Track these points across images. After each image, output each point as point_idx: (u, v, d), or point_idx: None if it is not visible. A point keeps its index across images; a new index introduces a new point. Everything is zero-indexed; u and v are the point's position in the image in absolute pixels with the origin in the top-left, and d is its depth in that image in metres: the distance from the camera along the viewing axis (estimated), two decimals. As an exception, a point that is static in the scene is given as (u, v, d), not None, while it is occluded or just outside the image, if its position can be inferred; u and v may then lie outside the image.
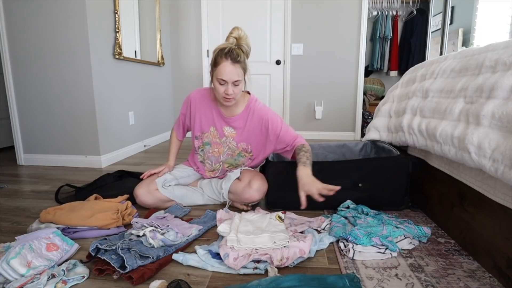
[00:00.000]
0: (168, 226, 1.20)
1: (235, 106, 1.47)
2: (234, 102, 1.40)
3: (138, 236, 1.13)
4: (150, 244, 1.09)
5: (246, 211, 1.50)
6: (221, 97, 1.36)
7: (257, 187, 1.44)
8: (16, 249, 0.97)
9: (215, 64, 1.32)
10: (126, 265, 0.95)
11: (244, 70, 1.34)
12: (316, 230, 1.27)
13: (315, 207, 1.50)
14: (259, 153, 1.55)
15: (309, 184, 1.22)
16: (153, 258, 1.02)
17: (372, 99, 3.87)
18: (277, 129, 1.46)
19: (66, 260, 1.06)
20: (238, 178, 1.50)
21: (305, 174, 1.27)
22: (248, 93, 1.52)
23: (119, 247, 1.00)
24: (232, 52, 1.29)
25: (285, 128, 1.47)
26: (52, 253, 1.04)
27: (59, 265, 1.01)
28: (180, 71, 3.75)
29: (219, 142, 1.53)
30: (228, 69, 1.29)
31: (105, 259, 0.97)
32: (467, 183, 1.09)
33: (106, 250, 1.01)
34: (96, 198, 1.50)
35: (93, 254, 1.01)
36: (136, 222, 1.21)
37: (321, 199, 1.18)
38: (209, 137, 1.53)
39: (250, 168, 1.60)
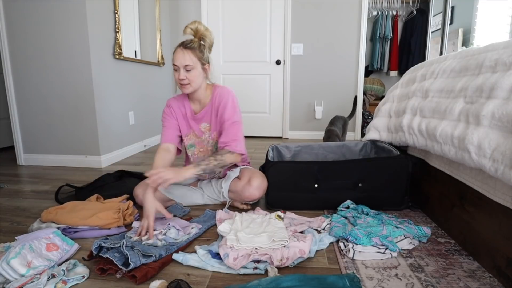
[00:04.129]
0: (169, 224, 1.20)
1: (202, 97, 1.48)
2: (192, 89, 1.40)
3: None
4: (153, 243, 1.09)
5: (246, 210, 1.50)
6: (178, 84, 1.39)
7: (257, 185, 1.44)
8: (16, 249, 0.97)
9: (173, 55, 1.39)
10: (130, 262, 0.95)
11: (199, 57, 1.36)
12: (316, 230, 1.27)
13: (315, 207, 1.51)
14: None
15: (170, 173, 1.25)
16: (155, 257, 1.02)
17: (372, 99, 3.87)
18: (223, 118, 1.44)
19: (66, 260, 1.06)
20: (237, 177, 1.50)
21: (183, 168, 1.31)
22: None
23: (123, 244, 1.00)
24: (185, 40, 1.37)
25: (229, 124, 1.42)
26: (52, 253, 1.04)
27: (59, 265, 1.02)
28: (180, 71, 3.75)
29: (201, 140, 1.55)
30: (178, 54, 1.35)
31: (108, 257, 0.97)
32: (467, 183, 1.09)
33: (108, 249, 1.01)
34: (97, 198, 1.51)
35: (95, 252, 1.01)
36: (137, 227, 1.21)
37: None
38: (192, 139, 1.55)
39: (249, 167, 1.60)
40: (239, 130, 1.45)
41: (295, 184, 1.48)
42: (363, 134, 3.60)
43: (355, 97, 3.16)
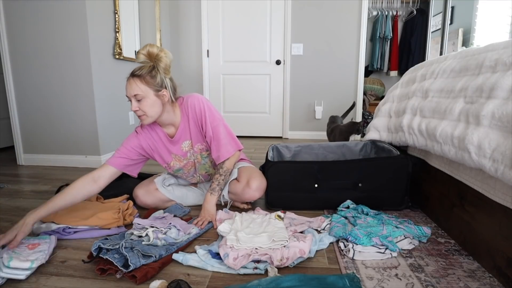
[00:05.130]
0: (170, 223, 1.20)
1: (172, 120, 1.37)
2: (150, 120, 1.29)
3: (140, 236, 1.13)
4: (153, 243, 1.09)
5: (246, 210, 1.50)
6: (137, 117, 1.30)
7: (256, 186, 1.43)
8: (5, 255, 0.97)
9: None
10: (130, 264, 0.95)
11: (150, 84, 1.23)
12: (316, 230, 1.27)
13: (315, 207, 1.51)
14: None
15: (208, 213, 1.36)
16: (155, 257, 1.02)
17: (372, 99, 3.87)
18: (207, 133, 1.38)
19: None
20: (236, 179, 1.49)
21: (207, 203, 1.38)
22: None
23: (122, 245, 1.00)
24: (134, 68, 1.26)
25: (211, 136, 1.38)
26: (38, 247, 1.05)
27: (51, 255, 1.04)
28: (180, 71, 3.75)
29: (187, 161, 1.47)
30: (127, 84, 1.25)
31: (108, 258, 0.97)
32: (467, 183, 1.09)
33: (108, 250, 1.01)
34: (97, 198, 1.51)
35: (95, 253, 1.01)
36: (138, 224, 1.21)
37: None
38: (176, 164, 1.46)
39: (245, 164, 1.58)
40: (222, 134, 1.38)
41: (295, 184, 1.48)
42: (363, 134, 3.60)
43: (354, 103, 3.10)
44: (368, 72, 4.08)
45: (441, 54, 3.60)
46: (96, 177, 1.28)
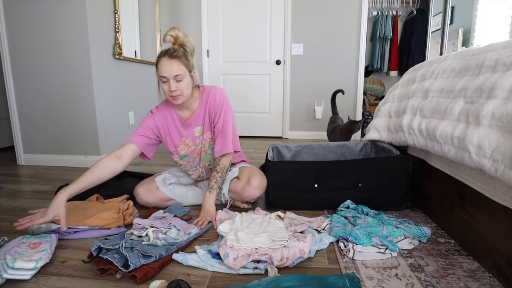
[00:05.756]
0: (170, 223, 1.21)
1: (190, 103, 1.43)
2: (184, 99, 1.35)
3: (140, 236, 1.13)
4: (153, 243, 1.09)
5: (246, 210, 1.50)
6: (169, 97, 1.34)
7: (256, 184, 1.43)
8: (8, 257, 0.97)
9: (156, 66, 1.32)
10: (130, 264, 0.95)
11: (186, 65, 1.31)
12: (316, 230, 1.27)
13: (315, 207, 1.51)
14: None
15: (208, 212, 1.36)
16: (155, 257, 1.02)
17: (372, 99, 3.87)
18: (217, 124, 1.42)
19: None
20: (236, 177, 1.50)
21: (207, 202, 1.39)
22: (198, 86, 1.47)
23: (122, 245, 1.00)
24: (168, 50, 1.30)
25: (219, 128, 1.42)
26: (40, 247, 1.05)
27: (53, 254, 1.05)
28: (180, 71, 3.75)
29: (195, 147, 1.50)
30: (165, 65, 1.28)
31: (108, 258, 0.97)
32: (467, 183, 1.09)
33: (108, 250, 1.01)
34: (97, 198, 1.51)
35: (95, 253, 1.01)
36: (138, 224, 1.21)
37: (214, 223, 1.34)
38: (184, 149, 1.50)
39: (246, 165, 1.59)
40: (230, 130, 1.42)
41: (295, 184, 1.48)
42: (363, 134, 3.60)
43: (335, 94, 2.88)
44: (368, 72, 4.08)
45: (441, 54, 3.60)
46: (119, 154, 1.35)
